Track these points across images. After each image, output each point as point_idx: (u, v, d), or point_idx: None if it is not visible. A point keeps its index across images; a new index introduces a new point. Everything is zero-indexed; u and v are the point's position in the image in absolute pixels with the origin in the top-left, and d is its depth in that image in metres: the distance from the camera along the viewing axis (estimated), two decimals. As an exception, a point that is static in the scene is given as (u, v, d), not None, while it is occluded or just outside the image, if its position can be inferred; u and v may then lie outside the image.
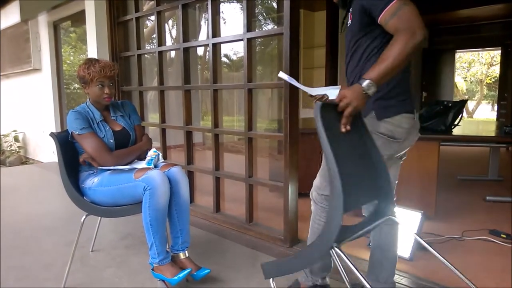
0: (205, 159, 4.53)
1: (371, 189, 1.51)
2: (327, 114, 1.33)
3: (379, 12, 1.50)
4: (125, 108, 2.46)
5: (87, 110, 2.27)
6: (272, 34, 3.05)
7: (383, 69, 1.41)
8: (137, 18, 3.75)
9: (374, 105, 1.64)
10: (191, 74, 3.49)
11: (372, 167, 1.53)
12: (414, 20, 1.43)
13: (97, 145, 2.16)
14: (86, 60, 2.30)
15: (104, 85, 2.23)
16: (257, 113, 7.76)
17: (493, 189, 4.27)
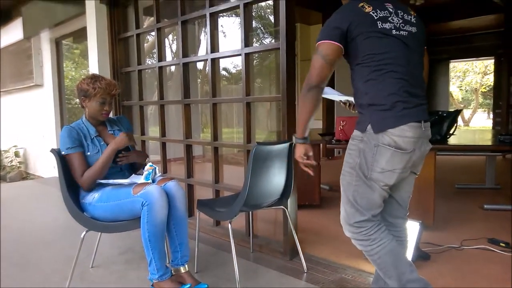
0: (205, 172, 4.58)
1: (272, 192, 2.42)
2: (259, 154, 2.21)
3: None
4: (122, 123, 2.53)
5: (82, 126, 2.32)
6: (269, 49, 3.13)
7: (297, 124, 1.79)
8: (137, 35, 3.83)
9: (370, 119, 1.64)
10: (191, 87, 3.57)
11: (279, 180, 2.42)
12: (311, 70, 1.67)
13: (76, 168, 2.22)
14: (91, 75, 2.37)
15: (105, 102, 2.30)
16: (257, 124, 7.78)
17: (490, 197, 4.31)
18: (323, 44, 1.64)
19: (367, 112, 1.65)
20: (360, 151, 1.67)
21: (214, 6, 3.06)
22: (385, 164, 1.62)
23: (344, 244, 1.66)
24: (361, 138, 1.67)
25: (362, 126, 1.67)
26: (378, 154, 1.62)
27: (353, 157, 1.70)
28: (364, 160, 1.65)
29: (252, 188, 2.23)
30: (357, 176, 1.68)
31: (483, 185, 4.80)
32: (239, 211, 2.26)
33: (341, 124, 3.39)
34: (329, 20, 1.67)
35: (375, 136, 1.62)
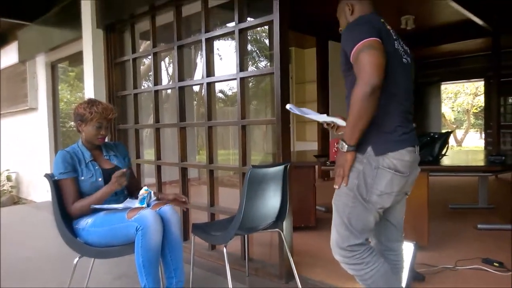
0: (200, 194, 4.57)
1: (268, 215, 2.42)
2: (254, 177, 2.22)
3: (349, 57, 1.58)
4: (119, 149, 2.54)
5: (77, 150, 2.34)
6: (264, 73, 3.19)
7: (350, 128, 1.57)
8: (134, 59, 3.89)
9: (371, 141, 1.63)
10: (187, 109, 3.61)
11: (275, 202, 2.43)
12: (366, 67, 1.48)
13: (66, 195, 2.23)
14: (88, 100, 2.40)
15: (101, 127, 2.33)
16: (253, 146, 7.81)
17: (484, 217, 4.34)
18: (370, 40, 1.52)
19: (368, 134, 1.61)
20: (360, 173, 1.64)
21: (210, 32, 3.13)
22: (384, 187, 1.62)
23: (340, 267, 1.65)
24: (360, 159, 1.64)
25: (362, 147, 1.63)
26: (378, 177, 1.62)
27: (351, 178, 1.66)
28: (364, 182, 1.64)
29: (247, 211, 2.23)
30: (354, 198, 1.66)
31: (476, 205, 4.83)
32: (234, 234, 2.26)
33: (335, 146, 3.42)
34: (357, 25, 1.62)
35: (376, 159, 1.61)
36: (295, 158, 4.70)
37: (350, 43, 1.57)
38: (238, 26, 2.88)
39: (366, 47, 1.51)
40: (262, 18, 2.84)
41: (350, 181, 1.66)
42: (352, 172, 1.66)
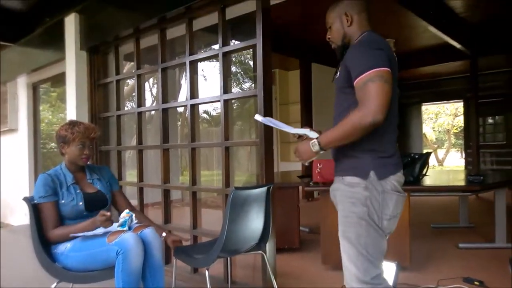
0: (183, 216, 4.52)
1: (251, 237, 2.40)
2: (237, 199, 2.23)
3: (354, 78, 1.54)
4: (103, 173, 2.51)
5: (59, 172, 2.31)
6: (247, 95, 3.23)
7: (331, 137, 1.57)
8: (117, 81, 3.89)
9: (372, 165, 1.59)
10: (171, 130, 3.61)
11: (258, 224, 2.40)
12: (375, 100, 1.45)
13: (45, 219, 2.20)
14: (69, 121, 2.39)
15: (84, 146, 2.31)
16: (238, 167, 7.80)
17: (465, 236, 4.40)
18: (383, 70, 1.50)
19: (367, 157, 1.60)
20: (366, 199, 1.58)
21: (194, 55, 3.17)
22: (392, 210, 1.60)
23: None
24: (364, 185, 1.59)
25: (361, 172, 1.60)
26: (385, 201, 1.58)
27: (358, 206, 1.60)
28: (373, 208, 1.58)
29: (230, 233, 2.23)
30: (367, 226, 1.59)
31: (457, 224, 4.89)
32: (217, 257, 2.24)
33: (318, 167, 3.46)
34: (371, 49, 1.57)
35: (379, 183, 1.58)
36: (279, 178, 4.72)
37: (359, 65, 1.53)
38: (222, 49, 2.92)
39: (377, 77, 1.48)
40: (245, 42, 2.90)
41: (359, 209, 1.59)
42: (357, 200, 1.60)
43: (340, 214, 1.67)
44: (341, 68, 1.68)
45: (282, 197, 3.75)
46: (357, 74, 1.52)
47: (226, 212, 2.23)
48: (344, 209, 1.65)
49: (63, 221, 2.26)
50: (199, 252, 2.49)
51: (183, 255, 2.47)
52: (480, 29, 5.88)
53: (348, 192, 1.63)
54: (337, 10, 1.77)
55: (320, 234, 3.34)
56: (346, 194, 1.64)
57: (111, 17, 3.80)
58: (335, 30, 1.78)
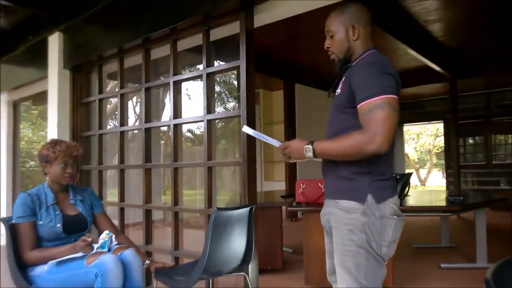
0: (165, 237, 4.46)
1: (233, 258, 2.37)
2: (219, 220, 2.22)
3: (359, 101, 1.46)
4: (86, 195, 2.47)
5: (41, 192, 2.28)
6: (230, 116, 3.26)
7: (328, 149, 1.51)
8: (100, 100, 3.87)
9: (370, 188, 1.51)
10: (154, 149, 3.59)
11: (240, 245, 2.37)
12: (381, 129, 1.38)
13: (22, 240, 2.15)
14: (51, 140, 2.37)
15: (67, 165, 2.27)
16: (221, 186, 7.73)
17: (447, 256, 4.43)
18: (391, 98, 1.43)
19: (364, 180, 1.51)
20: (364, 225, 1.49)
21: (178, 75, 3.19)
22: (391, 235, 1.51)
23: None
24: (362, 210, 1.49)
25: (358, 196, 1.51)
26: (384, 227, 1.50)
27: (356, 233, 1.50)
28: (371, 235, 1.49)
29: (211, 254, 2.21)
30: (367, 254, 1.49)
31: (439, 244, 4.94)
32: (198, 279, 2.21)
33: (301, 187, 3.46)
34: (381, 70, 1.48)
35: (378, 207, 1.49)
36: (263, 198, 4.71)
37: (367, 89, 1.44)
38: (205, 70, 2.95)
39: (386, 105, 1.40)
40: (229, 63, 2.94)
41: (357, 236, 1.49)
42: (355, 226, 1.50)
43: (336, 241, 1.57)
44: (344, 86, 1.57)
45: (265, 217, 3.73)
46: (364, 97, 1.44)
47: (208, 233, 2.21)
48: (340, 237, 1.54)
49: (41, 242, 2.21)
50: (180, 273, 2.45)
51: (164, 277, 2.42)
52: (458, 52, 6.07)
53: (344, 218, 1.53)
54: (344, 20, 1.62)
55: (303, 254, 3.32)
56: (342, 220, 1.54)
57: (95, 36, 3.81)
58: (338, 41, 1.63)
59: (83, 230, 2.31)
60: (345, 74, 1.61)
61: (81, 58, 3.93)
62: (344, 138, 1.47)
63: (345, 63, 1.65)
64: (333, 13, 1.66)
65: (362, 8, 1.65)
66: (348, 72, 1.59)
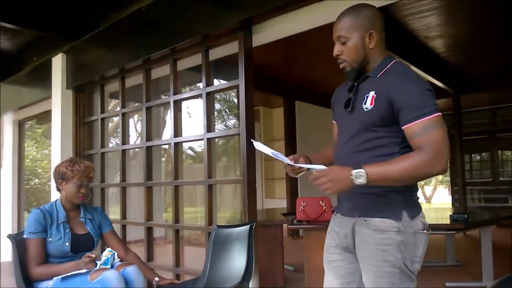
0: (166, 254, 4.43)
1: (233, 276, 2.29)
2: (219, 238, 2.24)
3: (409, 120, 1.34)
4: (96, 214, 2.50)
5: (53, 209, 2.31)
6: (230, 134, 3.27)
7: (385, 174, 1.32)
8: (102, 119, 3.92)
9: (404, 204, 1.43)
10: (155, 166, 3.62)
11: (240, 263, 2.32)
12: (444, 148, 1.31)
13: (30, 255, 2.19)
14: (70, 159, 2.43)
15: (82, 185, 2.32)
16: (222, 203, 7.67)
17: (452, 274, 4.36)
18: (440, 116, 1.34)
19: (398, 196, 1.42)
20: (400, 244, 1.40)
21: (178, 94, 3.23)
22: (422, 250, 1.46)
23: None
24: (397, 228, 1.40)
25: (394, 213, 1.41)
26: (416, 243, 1.43)
27: (392, 253, 1.40)
28: (406, 253, 1.41)
29: (212, 272, 2.23)
30: (401, 274, 1.41)
31: (444, 262, 4.86)
32: None
33: (301, 205, 3.44)
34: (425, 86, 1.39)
35: (411, 223, 1.42)
36: (264, 216, 4.69)
37: (420, 106, 1.33)
38: (205, 89, 2.99)
39: (440, 123, 1.32)
40: (228, 83, 2.98)
41: (393, 257, 1.41)
42: (391, 246, 1.41)
43: (368, 262, 1.46)
44: (377, 102, 1.42)
45: (266, 235, 3.71)
46: (416, 116, 1.32)
47: (208, 250, 2.22)
48: (374, 258, 1.44)
49: (48, 258, 2.25)
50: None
51: None
52: (462, 68, 6.08)
53: (377, 238, 1.42)
54: (359, 25, 1.46)
55: (305, 272, 3.29)
56: (374, 240, 1.43)
57: (97, 57, 3.89)
58: (352, 48, 1.46)
59: (90, 250, 2.34)
60: (369, 87, 1.46)
61: (84, 78, 4.01)
62: (403, 160, 1.33)
63: (359, 73, 1.49)
64: (345, 17, 1.49)
65: (377, 11, 1.51)
66: (377, 86, 1.43)
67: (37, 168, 8.45)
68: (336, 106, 1.65)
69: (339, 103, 1.61)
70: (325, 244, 1.65)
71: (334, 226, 1.61)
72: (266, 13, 2.58)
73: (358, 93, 1.50)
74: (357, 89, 1.50)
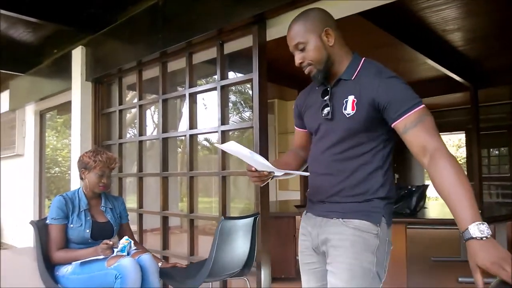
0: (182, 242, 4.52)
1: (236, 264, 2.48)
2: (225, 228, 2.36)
3: (400, 115, 1.30)
4: (117, 203, 2.60)
5: (75, 196, 2.41)
6: (244, 127, 3.32)
7: (473, 206, 1.13)
8: (120, 110, 4.02)
9: (384, 211, 1.40)
10: (171, 157, 3.70)
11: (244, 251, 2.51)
12: (441, 140, 1.27)
13: (51, 239, 2.29)
14: (93, 149, 2.54)
15: (103, 175, 2.40)
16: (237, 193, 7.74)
17: (465, 269, 4.28)
18: (426, 108, 1.32)
19: (380, 202, 1.40)
20: (375, 248, 1.37)
21: (194, 87, 3.29)
22: (387, 261, 1.43)
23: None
24: (376, 232, 1.38)
25: (374, 217, 1.38)
26: (387, 251, 1.41)
27: (368, 255, 1.37)
28: (380, 260, 1.38)
29: (217, 259, 2.33)
30: (373, 279, 1.37)
31: (458, 257, 4.83)
32: (203, 281, 2.34)
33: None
34: (402, 80, 1.36)
35: (387, 232, 1.40)
36: (277, 208, 4.74)
37: (405, 101, 1.30)
38: (219, 83, 3.03)
39: (429, 112, 1.30)
40: (243, 76, 3.01)
41: (368, 259, 1.36)
42: (368, 247, 1.37)
43: (339, 261, 1.39)
44: (358, 107, 1.36)
45: (279, 227, 3.77)
46: (408, 108, 1.29)
47: (214, 239, 2.33)
48: (349, 256, 1.37)
49: (68, 244, 2.35)
50: (183, 275, 2.50)
51: (166, 277, 2.50)
52: (479, 62, 5.97)
53: (355, 236, 1.37)
54: (312, 26, 1.41)
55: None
56: (352, 238, 1.37)
57: (115, 50, 3.97)
58: (313, 50, 1.41)
59: (109, 237, 2.42)
60: (346, 91, 1.41)
61: (102, 70, 4.10)
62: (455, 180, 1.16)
63: (325, 74, 1.44)
64: (296, 24, 1.44)
65: (325, 11, 1.47)
66: (354, 89, 1.38)
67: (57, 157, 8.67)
68: (308, 111, 1.56)
69: (311, 109, 1.53)
70: (299, 245, 1.57)
71: (305, 226, 1.55)
72: (280, 8, 2.60)
73: (333, 98, 1.43)
74: (332, 94, 1.44)
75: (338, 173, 1.40)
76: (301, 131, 1.68)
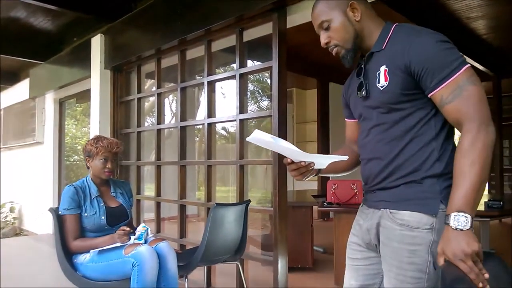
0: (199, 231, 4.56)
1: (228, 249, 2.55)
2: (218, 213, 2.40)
3: (435, 85, 1.12)
4: (126, 188, 2.60)
5: (85, 185, 2.41)
6: (262, 116, 3.30)
7: (473, 194, 1.05)
8: (138, 99, 4.03)
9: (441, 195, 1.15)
10: (189, 146, 3.70)
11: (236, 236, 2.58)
12: (484, 107, 1.09)
13: (67, 230, 2.30)
14: (94, 136, 2.52)
15: (107, 160, 2.40)
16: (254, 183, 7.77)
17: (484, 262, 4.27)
18: (470, 68, 1.11)
19: (436, 186, 1.16)
20: (431, 245, 1.14)
21: (212, 75, 3.27)
22: None
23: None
24: (430, 225, 1.14)
25: (430, 207, 1.15)
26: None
27: (421, 256, 1.14)
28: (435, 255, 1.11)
29: (209, 244, 2.39)
30: (429, 281, 1.14)
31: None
32: (197, 265, 2.42)
33: (332, 188, 3.46)
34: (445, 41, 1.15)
35: (446, 217, 1.09)
36: (294, 197, 4.73)
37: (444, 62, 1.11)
38: (238, 71, 3.01)
39: (474, 78, 1.10)
40: (262, 64, 2.98)
41: (421, 260, 1.15)
42: (420, 246, 1.15)
43: (390, 263, 1.21)
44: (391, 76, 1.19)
45: (296, 216, 3.76)
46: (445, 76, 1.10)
47: (206, 225, 2.39)
48: (397, 258, 1.18)
49: (84, 233, 2.35)
50: (180, 260, 2.51)
51: None
52: (503, 50, 5.81)
53: (404, 236, 1.16)
54: (335, 3, 1.28)
55: (334, 254, 3.32)
56: (400, 238, 1.17)
57: (134, 38, 3.97)
58: (339, 29, 1.28)
59: (124, 221, 2.44)
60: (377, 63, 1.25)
61: (121, 58, 4.11)
62: (465, 158, 1.07)
63: (355, 53, 1.31)
64: (318, 3, 1.32)
65: None
66: (385, 58, 1.22)
67: (76, 145, 8.79)
68: (351, 97, 1.41)
69: (353, 93, 1.37)
70: (349, 238, 1.44)
71: (359, 219, 1.39)
72: (301, -6, 2.56)
73: (368, 74, 1.28)
74: (366, 71, 1.29)
75: (384, 156, 1.22)
76: (351, 122, 1.50)
